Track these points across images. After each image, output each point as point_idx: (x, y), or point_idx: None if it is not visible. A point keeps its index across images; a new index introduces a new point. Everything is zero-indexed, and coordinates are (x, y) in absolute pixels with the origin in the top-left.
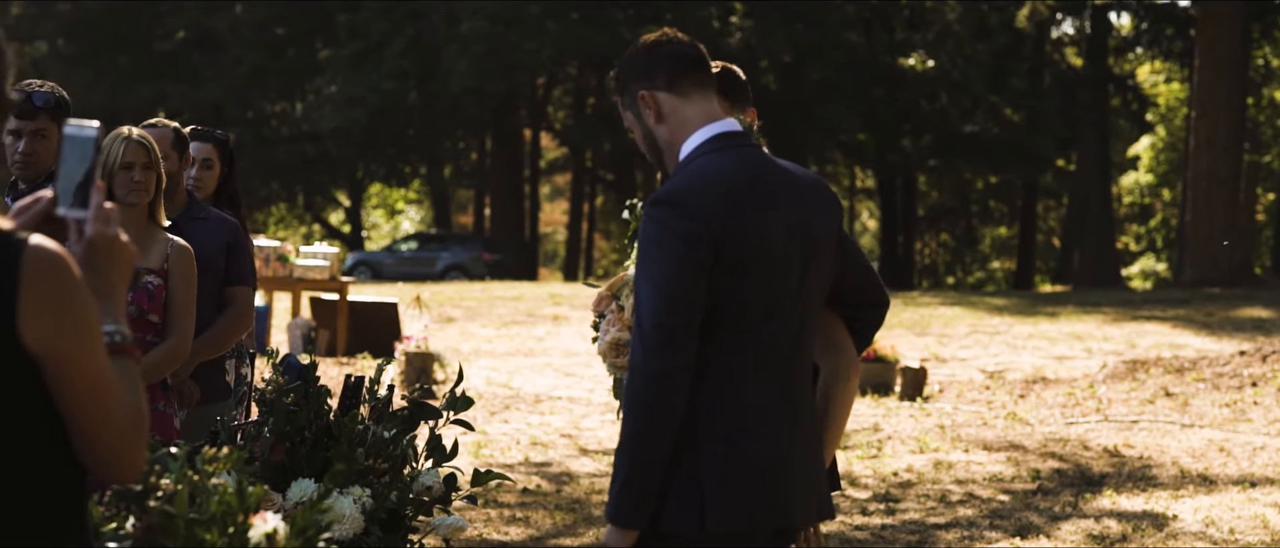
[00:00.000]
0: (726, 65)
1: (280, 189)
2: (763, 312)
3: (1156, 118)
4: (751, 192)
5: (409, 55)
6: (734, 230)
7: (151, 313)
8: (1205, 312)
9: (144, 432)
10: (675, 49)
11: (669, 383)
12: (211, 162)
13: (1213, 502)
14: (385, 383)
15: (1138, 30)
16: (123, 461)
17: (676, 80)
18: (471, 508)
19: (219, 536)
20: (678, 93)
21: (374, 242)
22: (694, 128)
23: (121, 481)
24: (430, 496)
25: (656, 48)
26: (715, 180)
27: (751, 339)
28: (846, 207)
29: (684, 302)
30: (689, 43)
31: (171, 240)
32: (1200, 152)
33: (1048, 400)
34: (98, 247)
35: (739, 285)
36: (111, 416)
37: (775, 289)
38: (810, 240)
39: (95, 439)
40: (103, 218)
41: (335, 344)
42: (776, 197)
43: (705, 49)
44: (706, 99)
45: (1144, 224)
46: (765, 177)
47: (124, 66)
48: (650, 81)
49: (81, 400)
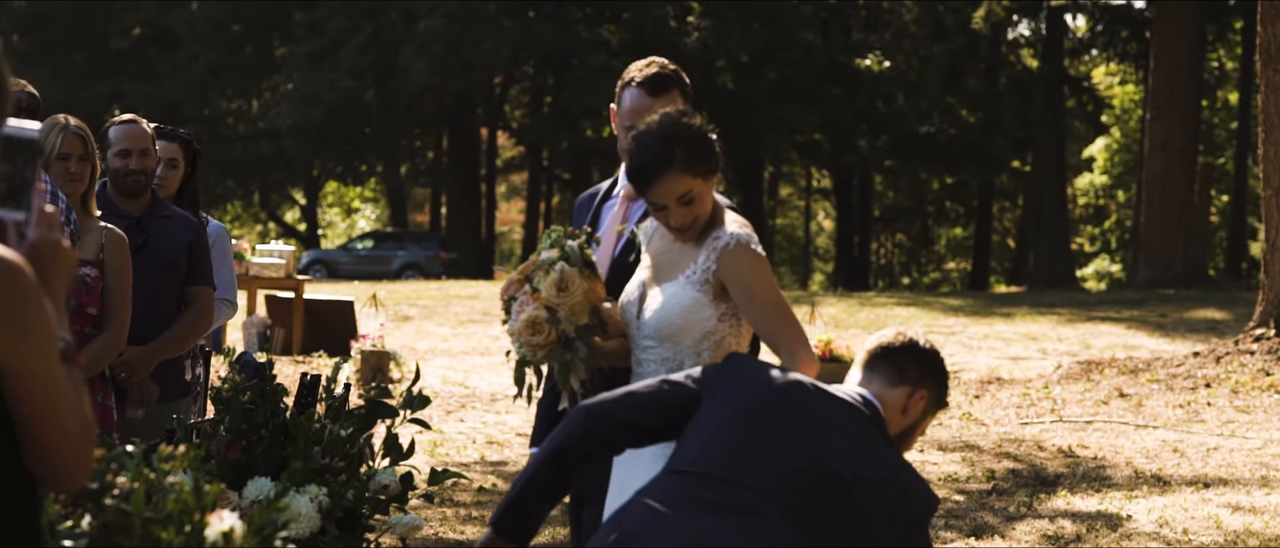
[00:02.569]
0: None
1: (236, 187)
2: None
3: (1112, 119)
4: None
5: (366, 53)
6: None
7: (90, 306)
8: (1159, 313)
9: (93, 441)
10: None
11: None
12: (176, 161)
13: (1166, 502)
14: (341, 381)
15: (1093, 32)
16: (73, 471)
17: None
18: (428, 507)
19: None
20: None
21: (330, 240)
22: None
23: (70, 490)
24: (387, 494)
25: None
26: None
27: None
28: (803, 207)
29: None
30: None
31: (106, 229)
32: (1155, 153)
33: (1003, 401)
34: (40, 252)
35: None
36: (66, 427)
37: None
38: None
39: (49, 450)
40: (46, 222)
41: (291, 343)
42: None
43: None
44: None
45: (1099, 225)
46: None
47: (80, 63)
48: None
49: (38, 411)
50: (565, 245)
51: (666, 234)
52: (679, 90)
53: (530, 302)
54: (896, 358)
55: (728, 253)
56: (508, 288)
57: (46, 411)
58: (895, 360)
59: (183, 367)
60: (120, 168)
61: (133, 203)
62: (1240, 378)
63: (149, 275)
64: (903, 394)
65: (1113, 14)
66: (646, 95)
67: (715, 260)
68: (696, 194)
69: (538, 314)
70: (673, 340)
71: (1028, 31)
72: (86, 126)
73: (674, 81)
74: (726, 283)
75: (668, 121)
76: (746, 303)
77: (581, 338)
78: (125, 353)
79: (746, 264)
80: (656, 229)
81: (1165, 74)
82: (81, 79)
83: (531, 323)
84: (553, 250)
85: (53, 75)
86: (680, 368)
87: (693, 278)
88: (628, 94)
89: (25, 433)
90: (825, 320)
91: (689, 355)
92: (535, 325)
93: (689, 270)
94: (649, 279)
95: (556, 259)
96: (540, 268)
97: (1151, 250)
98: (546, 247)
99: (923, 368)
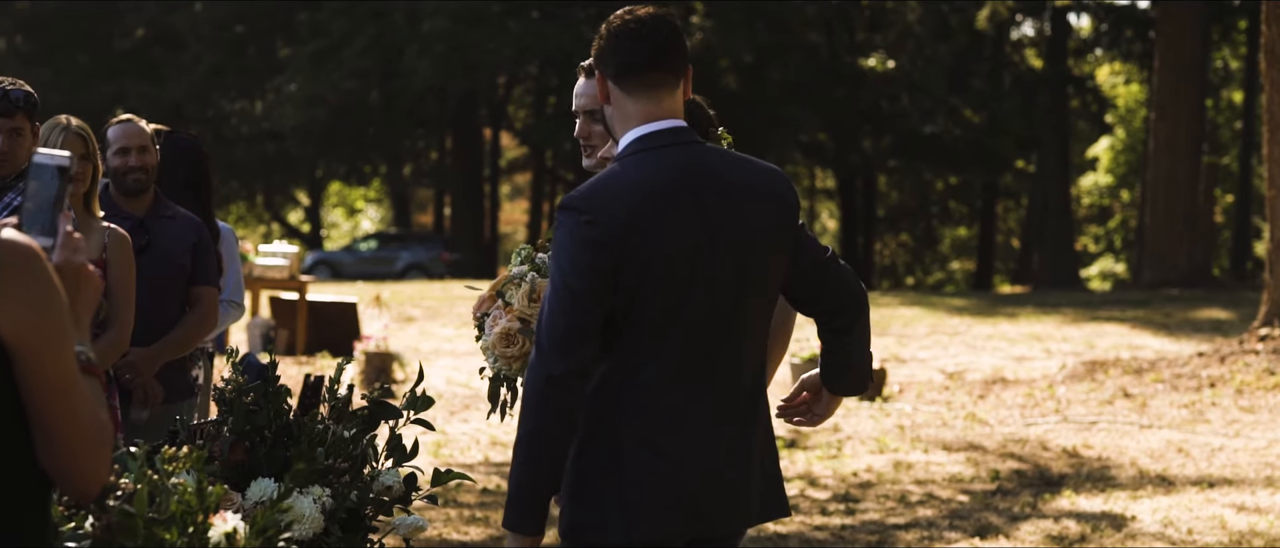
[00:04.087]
0: (693, 98)
1: (240, 188)
2: (677, 318)
3: (1116, 119)
4: (668, 197)
5: (370, 54)
6: (640, 237)
7: None
8: (1164, 313)
9: (109, 447)
10: (631, 44)
11: (560, 386)
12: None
13: (1171, 502)
14: (345, 382)
15: (1097, 32)
16: (86, 471)
17: (623, 76)
18: (432, 508)
19: (179, 535)
20: (623, 88)
21: (334, 241)
22: (632, 125)
23: (84, 492)
24: (391, 495)
25: (617, 35)
26: (630, 185)
27: (670, 346)
28: (806, 207)
29: (578, 308)
30: (652, 34)
31: (109, 229)
32: (1160, 153)
33: (1007, 401)
34: (65, 274)
35: (648, 293)
36: (79, 420)
37: (695, 295)
38: (741, 244)
39: (61, 445)
40: (71, 246)
41: (295, 344)
42: (700, 200)
43: (676, 33)
44: (651, 99)
45: (1103, 225)
46: (691, 179)
47: (83, 65)
48: (603, 64)
49: (49, 400)
50: (536, 258)
51: None
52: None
53: (503, 315)
54: (643, 72)
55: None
56: (480, 305)
57: (59, 398)
58: (645, 79)
59: (186, 368)
60: (120, 166)
61: (135, 203)
62: (1245, 378)
63: (153, 276)
64: (677, 91)
65: (1117, 14)
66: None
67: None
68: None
69: (511, 326)
70: None
71: (1032, 31)
72: (88, 127)
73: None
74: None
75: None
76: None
77: None
78: (129, 354)
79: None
80: None
81: (1169, 74)
82: (85, 81)
83: (505, 335)
84: (524, 265)
85: (56, 77)
86: None
87: None
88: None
89: (38, 424)
90: None
91: None
92: (509, 337)
93: None
94: None
95: (528, 272)
96: (511, 282)
97: (1156, 250)
98: (517, 263)
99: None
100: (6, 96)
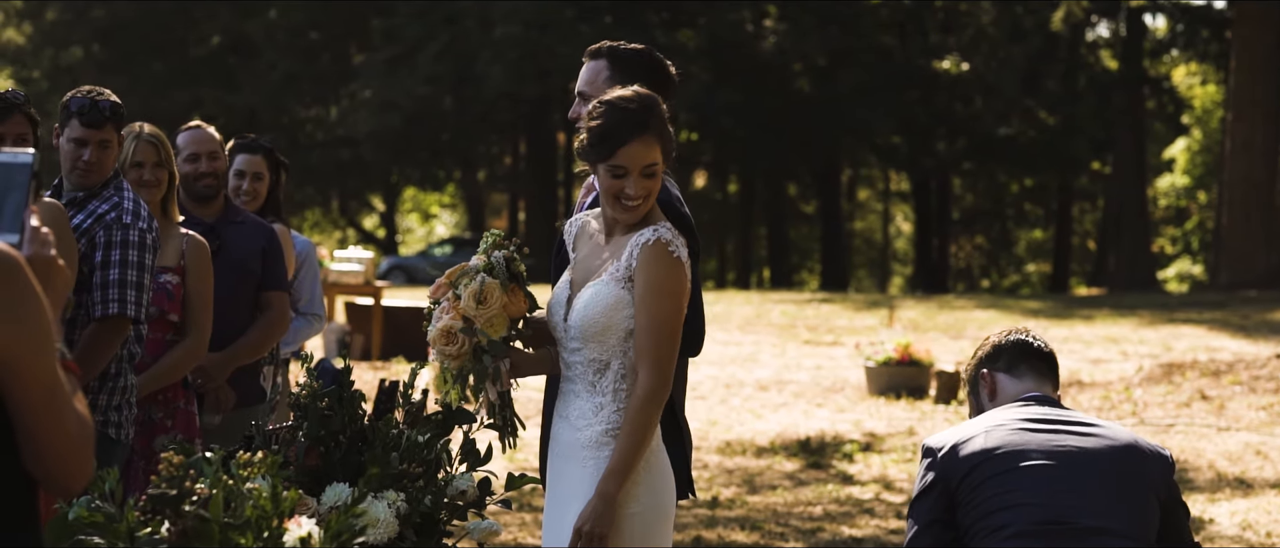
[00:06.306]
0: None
1: (315, 194)
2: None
3: (1192, 120)
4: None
5: (443, 59)
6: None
7: (171, 312)
8: (1241, 315)
9: (92, 444)
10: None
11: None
12: (262, 173)
13: (1249, 505)
14: (419, 387)
15: (1173, 32)
16: (72, 471)
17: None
18: (505, 512)
19: (253, 540)
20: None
21: (408, 246)
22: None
23: (69, 491)
24: (464, 500)
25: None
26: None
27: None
28: (881, 210)
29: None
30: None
31: (187, 236)
32: (1236, 154)
33: (1083, 403)
34: (35, 268)
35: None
36: (64, 424)
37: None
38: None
39: (48, 448)
40: (39, 240)
41: (370, 349)
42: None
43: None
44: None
45: (1180, 227)
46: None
47: (158, 72)
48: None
49: (34, 406)
50: (493, 256)
51: (593, 233)
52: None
53: (450, 309)
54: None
55: (645, 248)
56: (435, 290)
57: (44, 406)
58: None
59: (258, 373)
60: (190, 173)
61: (205, 209)
62: None
63: (223, 282)
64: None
65: (1192, 14)
66: (607, 70)
67: (635, 256)
68: (659, 170)
69: (453, 324)
70: (598, 340)
71: (1107, 32)
72: (161, 134)
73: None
74: (634, 277)
75: (646, 93)
76: (640, 301)
77: (494, 352)
78: (201, 359)
79: (656, 263)
80: (581, 228)
81: (1246, 75)
82: (160, 88)
83: (446, 333)
84: (482, 258)
85: (131, 84)
86: (607, 368)
87: (617, 274)
88: (590, 67)
89: (23, 433)
90: (903, 324)
91: (616, 355)
92: (449, 336)
93: (613, 268)
94: (576, 280)
95: (480, 271)
96: (466, 274)
97: (1233, 252)
98: (481, 249)
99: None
100: (96, 107)
